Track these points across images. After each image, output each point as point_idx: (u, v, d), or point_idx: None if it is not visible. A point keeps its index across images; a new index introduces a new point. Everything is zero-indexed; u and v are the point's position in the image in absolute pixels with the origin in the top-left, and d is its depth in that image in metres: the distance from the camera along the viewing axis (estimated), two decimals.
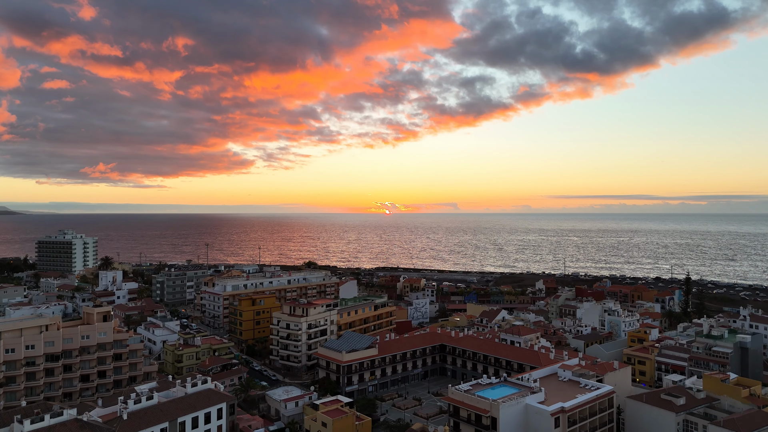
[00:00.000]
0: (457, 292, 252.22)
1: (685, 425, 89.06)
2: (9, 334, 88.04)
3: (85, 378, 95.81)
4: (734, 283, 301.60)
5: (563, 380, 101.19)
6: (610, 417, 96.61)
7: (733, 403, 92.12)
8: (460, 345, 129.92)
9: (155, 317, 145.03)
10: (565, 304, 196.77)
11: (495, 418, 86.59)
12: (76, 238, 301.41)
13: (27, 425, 65.72)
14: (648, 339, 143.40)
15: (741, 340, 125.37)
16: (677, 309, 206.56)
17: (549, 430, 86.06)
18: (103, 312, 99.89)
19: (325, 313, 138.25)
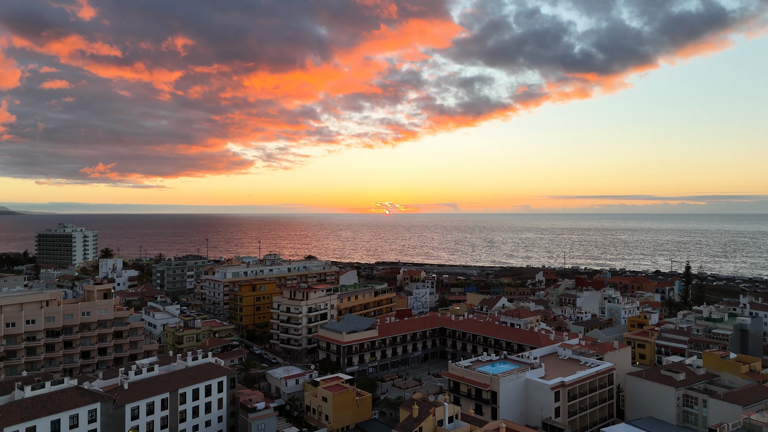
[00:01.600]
0: (457, 284, 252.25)
1: (685, 400, 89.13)
2: (9, 308, 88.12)
3: (85, 354, 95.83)
4: (734, 276, 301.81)
5: (563, 359, 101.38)
6: (610, 393, 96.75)
7: (733, 379, 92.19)
8: (460, 328, 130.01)
9: (156, 302, 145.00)
10: (565, 293, 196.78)
11: (495, 392, 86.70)
12: (76, 231, 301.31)
13: (28, 391, 65.86)
14: (648, 323, 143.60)
15: (741, 323, 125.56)
16: (677, 299, 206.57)
17: (549, 403, 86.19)
18: (104, 290, 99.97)
19: (326, 297, 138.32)
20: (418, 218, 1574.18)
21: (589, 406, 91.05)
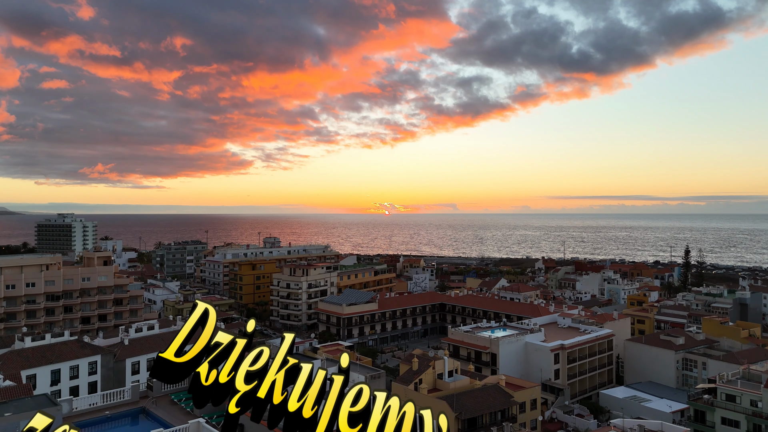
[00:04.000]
0: (457, 272, 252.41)
1: (684, 363, 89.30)
2: (10, 270, 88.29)
3: (85, 320, 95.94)
4: (733, 266, 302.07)
5: (563, 327, 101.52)
6: (610, 359, 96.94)
7: (732, 343, 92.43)
8: (459, 303, 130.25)
9: (156, 279, 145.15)
10: (564, 277, 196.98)
11: (495, 354, 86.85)
12: (76, 221, 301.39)
13: (28, 342, 65.99)
14: (647, 301, 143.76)
15: (740, 296, 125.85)
16: (676, 284, 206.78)
17: (549, 365, 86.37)
18: (104, 257, 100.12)
19: (326, 274, 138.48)
20: (418, 218, 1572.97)
21: (588, 370, 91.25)
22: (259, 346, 8.82)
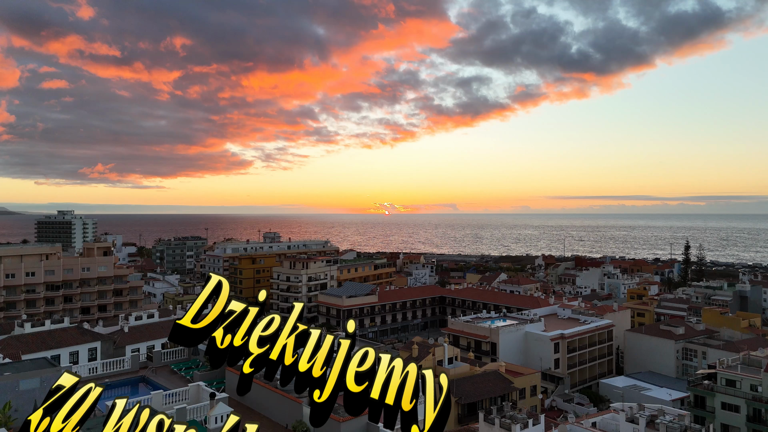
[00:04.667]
0: (456, 268, 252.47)
1: (684, 353, 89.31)
2: (9, 259, 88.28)
3: (85, 310, 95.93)
4: (734, 263, 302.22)
5: (563, 318, 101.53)
6: (610, 349, 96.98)
7: (732, 333, 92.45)
8: (459, 296, 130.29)
9: (156, 273, 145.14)
10: (564, 273, 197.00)
11: (495, 344, 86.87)
12: (76, 218, 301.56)
13: (27, 327, 65.94)
14: (647, 295, 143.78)
15: (740, 289, 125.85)
16: (676, 280, 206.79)
17: (549, 355, 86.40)
18: (104, 247, 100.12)
19: (326, 268, 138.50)
20: (418, 218, 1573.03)
21: (588, 360, 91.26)
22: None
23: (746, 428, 60.28)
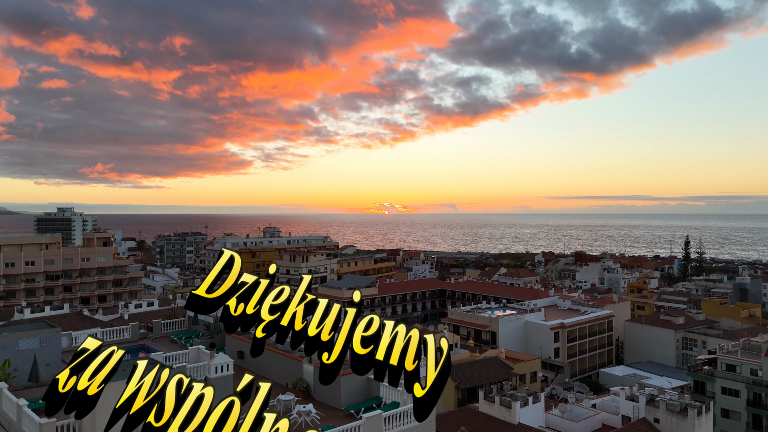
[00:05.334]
0: (456, 265, 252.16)
1: (684, 342, 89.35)
2: (9, 248, 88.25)
3: (85, 301, 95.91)
4: (733, 259, 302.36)
5: (563, 309, 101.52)
6: (610, 340, 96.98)
7: (732, 323, 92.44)
8: (459, 289, 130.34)
9: (156, 266, 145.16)
10: (564, 268, 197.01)
11: (494, 333, 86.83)
12: (75, 215, 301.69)
13: (27, 313, 65.92)
14: (647, 288, 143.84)
15: (740, 282, 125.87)
16: (676, 275, 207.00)
17: (549, 344, 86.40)
18: (104, 237, 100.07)
19: (326, 261, 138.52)
20: (417, 218, 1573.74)
21: (588, 350, 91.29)
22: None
23: (746, 412, 60.31)
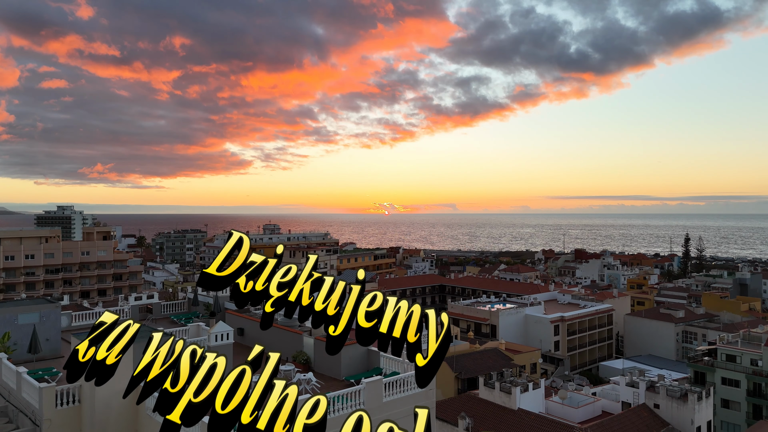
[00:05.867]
0: (456, 262, 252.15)
1: (684, 336, 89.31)
2: (9, 241, 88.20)
3: (85, 294, 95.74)
4: (733, 258, 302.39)
5: (563, 303, 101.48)
6: (610, 333, 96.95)
7: (732, 317, 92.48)
8: (459, 284, 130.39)
9: (155, 262, 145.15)
10: (564, 265, 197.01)
11: (494, 326, 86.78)
12: (75, 213, 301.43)
13: None
14: (647, 284, 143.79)
15: (740, 277, 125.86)
16: (676, 272, 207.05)
17: (549, 337, 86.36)
18: (104, 231, 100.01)
19: (325, 257, 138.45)
20: (417, 218, 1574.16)
21: (588, 344, 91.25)
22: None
23: (746, 402, 60.27)
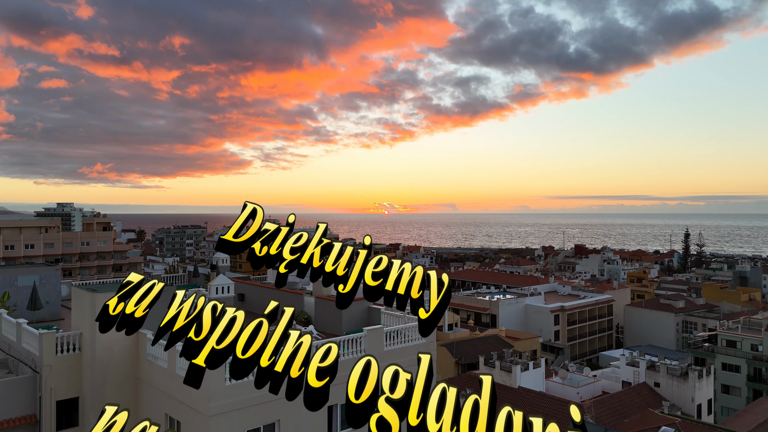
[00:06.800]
0: (456, 259, 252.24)
1: (684, 326, 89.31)
2: (9, 230, 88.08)
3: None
4: (733, 254, 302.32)
5: (563, 294, 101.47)
6: (610, 324, 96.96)
7: (732, 307, 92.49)
8: (458, 277, 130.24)
9: (155, 256, 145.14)
10: (564, 261, 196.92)
11: (494, 315, 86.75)
12: (75, 210, 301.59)
13: None
14: (647, 278, 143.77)
15: (740, 270, 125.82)
16: (676, 267, 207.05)
17: (549, 326, 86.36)
18: (104, 222, 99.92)
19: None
20: (416, 218, 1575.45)
21: (588, 334, 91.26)
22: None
23: (746, 387, 60.25)
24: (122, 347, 18.18)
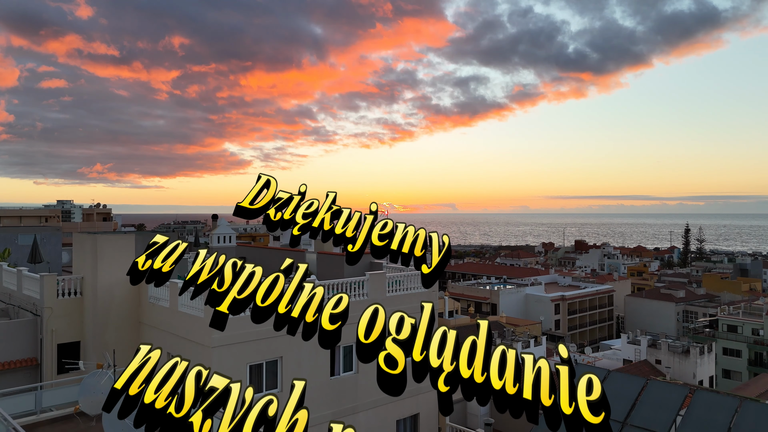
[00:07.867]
0: (455, 255, 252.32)
1: (684, 315, 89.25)
2: (8, 219, 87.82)
3: None
4: (733, 251, 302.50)
5: (563, 285, 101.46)
6: (610, 314, 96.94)
7: (733, 297, 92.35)
8: (459, 270, 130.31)
9: None
10: (564, 256, 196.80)
11: (495, 305, 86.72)
12: (75, 207, 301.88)
13: None
14: (647, 271, 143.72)
15: (740, 262, 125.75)
16: (676, 263, 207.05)
17: (549, 315, 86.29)
18: (104, 213, 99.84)
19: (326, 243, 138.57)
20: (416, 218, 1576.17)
21: (589, 323, 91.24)
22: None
23: (747, 372, 60.18)
24: (123, 291, 18.10)
